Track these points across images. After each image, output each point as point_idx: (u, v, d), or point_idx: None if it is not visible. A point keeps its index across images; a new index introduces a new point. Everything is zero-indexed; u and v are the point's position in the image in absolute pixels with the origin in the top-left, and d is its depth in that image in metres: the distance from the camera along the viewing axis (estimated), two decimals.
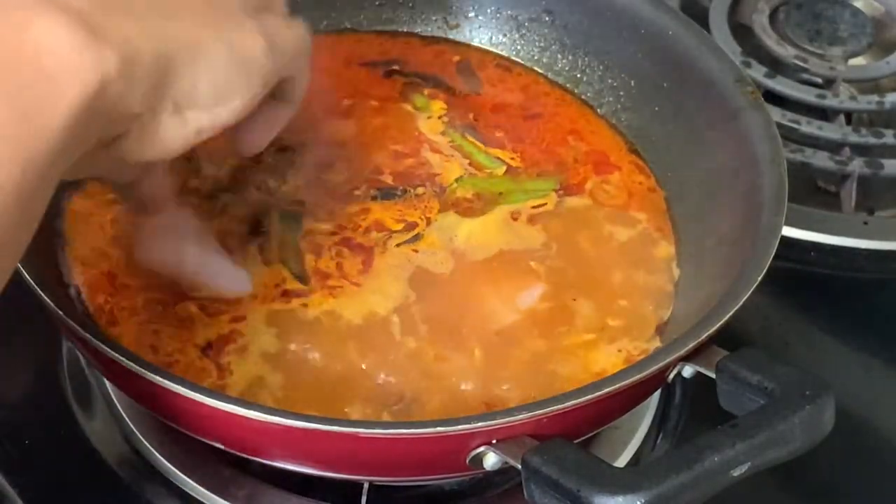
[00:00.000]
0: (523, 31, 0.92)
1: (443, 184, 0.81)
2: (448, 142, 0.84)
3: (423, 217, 0.79)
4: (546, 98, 0.89)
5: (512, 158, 0.84)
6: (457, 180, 0.82)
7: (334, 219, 0.78)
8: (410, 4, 0.93)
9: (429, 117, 0.86)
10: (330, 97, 0.87)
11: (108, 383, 0.77)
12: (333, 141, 0.84)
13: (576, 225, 0.80)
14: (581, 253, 0.79)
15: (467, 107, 0.88)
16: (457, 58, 0.91)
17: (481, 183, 0.82)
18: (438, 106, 0.87)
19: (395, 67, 0.90)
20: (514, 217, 0.80)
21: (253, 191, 0.79)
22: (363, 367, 0.70)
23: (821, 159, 0.97)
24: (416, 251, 0.77)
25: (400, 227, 0.78)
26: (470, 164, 0.83)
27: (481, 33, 0.92)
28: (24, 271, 0.65)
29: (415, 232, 0.78)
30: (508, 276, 0.76)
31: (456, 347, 0.72)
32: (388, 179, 0.81)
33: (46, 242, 0.74)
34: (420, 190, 0.81)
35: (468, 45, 0.92)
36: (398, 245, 0.77)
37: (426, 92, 0.88)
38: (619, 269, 0.78)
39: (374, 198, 0.80)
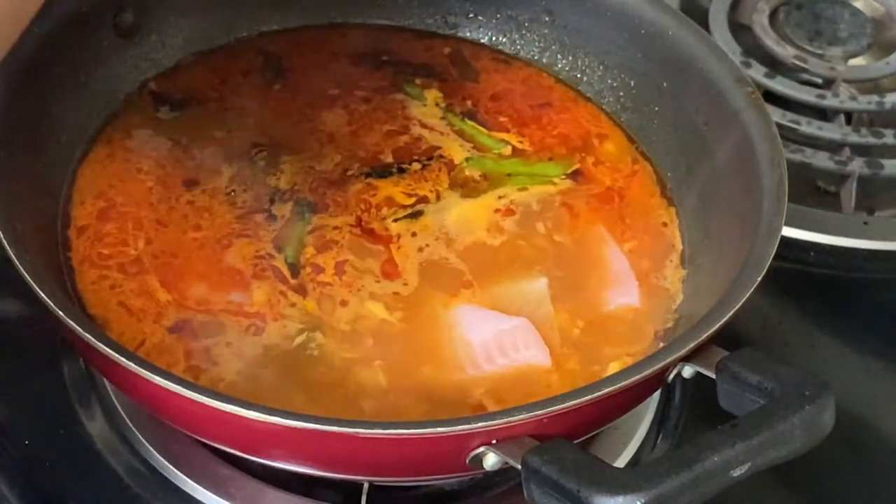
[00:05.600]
0: (523, 32, 0.92)
1: (450, 158, 0.83)
2: (446, 125, 0.85)
3: (433, 190, 0.80)
4: (551, 91, 0.89)
5: (520, 141, 0.85)
6: (466, 160, 0.83)
7: (347, 211, 0.79)
8: (410, 4, 0.93)
9: (424, 105, 0.87)
10: (316, 89, 0.87)
11: (107, 383, 0.77)
12: (321, 131, 0.84)
13: (577, 221, 0.80)
14: (581, 251, 0.79)
15: (464, 94, 0.88)
16: (447, 49, 0.92)
17: (490, 164, 0.83)
18: (433, 94, 0.88)
19: (385, 58, 0.90)
20: (509, 207, 0.80)
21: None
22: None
23: (821, 159, 0.97)
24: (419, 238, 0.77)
25: (411, 200, 0.80)
26: (473, 147, 0.84)
27: (481, 33, 0.92)
28: (24, 271, 0.65)
29: (418, 208, 0.79)
30: (509, 273, 0.77)
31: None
32: (387, 159, 0.83)
33: (50, 245, 0.74)
34: (416, 166, 0.82)
35: (463, 40, 0.92)
36: (395, 220, 0.78)
37: (418, 81, 0.89)
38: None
39: (367, 175, 0.81)
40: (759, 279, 0.68)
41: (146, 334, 0.71)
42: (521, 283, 0.76)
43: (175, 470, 0.74)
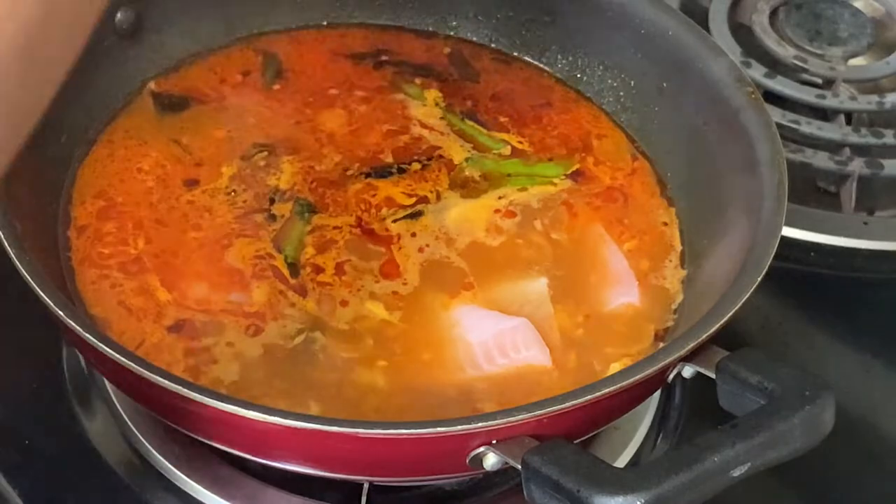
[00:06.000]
0: (523, 32, 0.92)
1: (450, 158, 0.83)
2: (446, 125, 0.85)
3: (433, 190, 0.80)
4: (551, 91, 0.89)
5: (519, 142, 0.85)
6: (466, 160, 0.83)
7: (347, 211, 0.79)
8: (411, 4, 0.93)
9: (424, 105, 0.87)
10: (316, 89, 0.87)
11: (107, 383, 0.77)
12: (321, 131, 0.84)
13: (576, 221, 0.80)
14: (581, 251, 0.79)
15: (464, 94, 0.88)
16: (447, 49, 0.92)
17: (490, 164, 0.83)
18: (433, 94, 0.88)
19: (385, 58, 0.90)
20: (510, 209, 0.80)
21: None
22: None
23: (821, 159, 0.97)
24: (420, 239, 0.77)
25: (411, 201, 0.80)
26: (474, 147, 0.84)
27: (481, 33, 0.92)
28: (23, 271, 0.65)
29: (418, 208, 0.79)
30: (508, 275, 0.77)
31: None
32: (387, 159, 0.83)
33: (49, 246, 0.74)
34: (416, 166, 0.82)
35: (463, 40, 0.93)
36: (395, 221, 0.78)
37: (418, 81, 0.89)
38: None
39: (367, 175, 0.81)
40: (759, 279, 0.68)
41: (146, 334, 0.71)
42: (521, 283, 0.76)
43: (175, 470, 0.74)
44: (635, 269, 0.78)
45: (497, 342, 0.72)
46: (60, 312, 0.64)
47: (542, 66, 0.91)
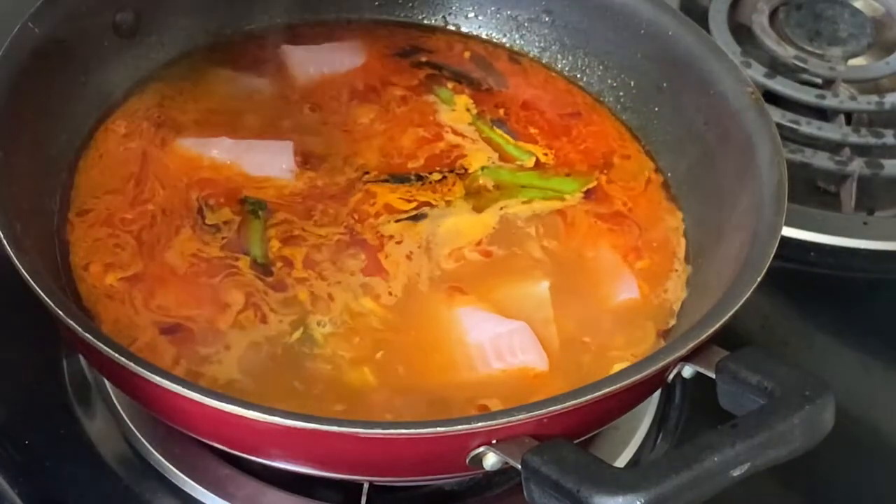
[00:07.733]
0: (523, 32, 0.92)
1: (468, 168, 0.82)
2: (475, 132, 0.85)
3: (441, 199, 0.80)
4: (578, 99, 0.89)
5: (545, 154, 0.84)
6: (482, 169, 0.82)
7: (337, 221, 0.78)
8: (411, 4, 0.93)
9: (453, 110, 0.86)
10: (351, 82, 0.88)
11: (107, 383, 0.77)
12: (352, 124, 0.85)
13: (575, 234, 0.80)
14: (577, 255, 0.79)
15: (495, 102, 0.88)
16: (468, 53, 0.91)
17: (506, 174, 0.82)
18: (464, 101, 0.87)
19: (423, 59, 0.90)
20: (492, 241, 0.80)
21: None
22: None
23: (821, 159, 0.97)
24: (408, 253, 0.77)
25: (410, 206, 0.79)
26: (500, 157, 0.84)
27: (481, 33, 0.93)
28: (23, 271, 0.65)
29: (423, 210, 0.79)
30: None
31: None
32: (410, 164, 0.83)
33: (49, 245, 0.74)
34: (436, 176, 0.81)
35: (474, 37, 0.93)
36: (398, 221, 0.78)
37: (450, 86, 0.88)
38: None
39: (384, 181, 0.81)
40: (759, 279, 0.68)
41: (138, 333, 0.71)
42: (522, 286, 0.76)
43: (175, 470, 0.74)
44: (637, 270, 0.77)
45: (494, 345, 0.72)
46: (60, 312, 0.64)
47: (541, 66, 0.91)
